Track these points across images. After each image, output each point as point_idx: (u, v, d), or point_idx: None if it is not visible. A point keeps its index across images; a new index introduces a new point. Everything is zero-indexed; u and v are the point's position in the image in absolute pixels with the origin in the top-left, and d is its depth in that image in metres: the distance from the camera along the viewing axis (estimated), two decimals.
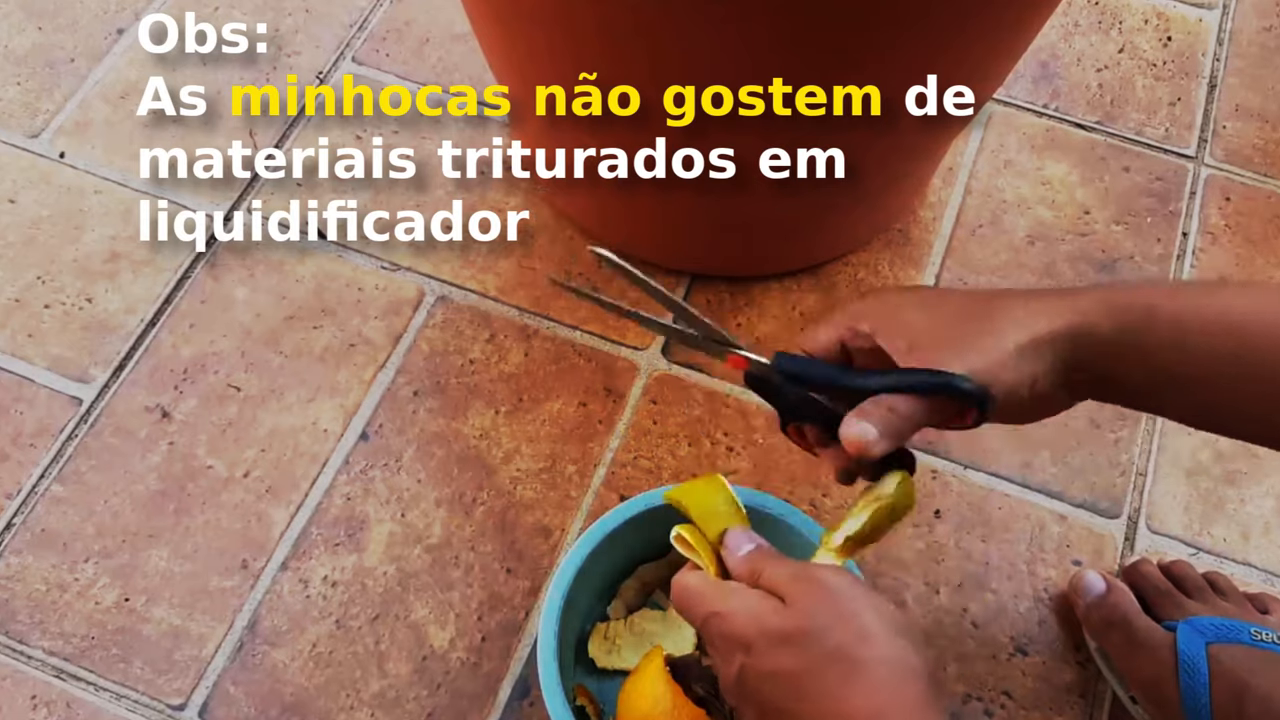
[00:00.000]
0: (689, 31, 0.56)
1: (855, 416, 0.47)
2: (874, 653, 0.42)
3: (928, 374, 0.47)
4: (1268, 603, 0.64)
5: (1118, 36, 0.94)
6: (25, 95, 0.87)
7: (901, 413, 0.47)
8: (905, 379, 0.47)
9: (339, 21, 0.91)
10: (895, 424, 0.47)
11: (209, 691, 0.65)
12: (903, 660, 0.43)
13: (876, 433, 0.47)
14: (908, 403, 0.47)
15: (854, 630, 0.43)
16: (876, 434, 0.47)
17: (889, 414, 0.47)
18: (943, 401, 0.47)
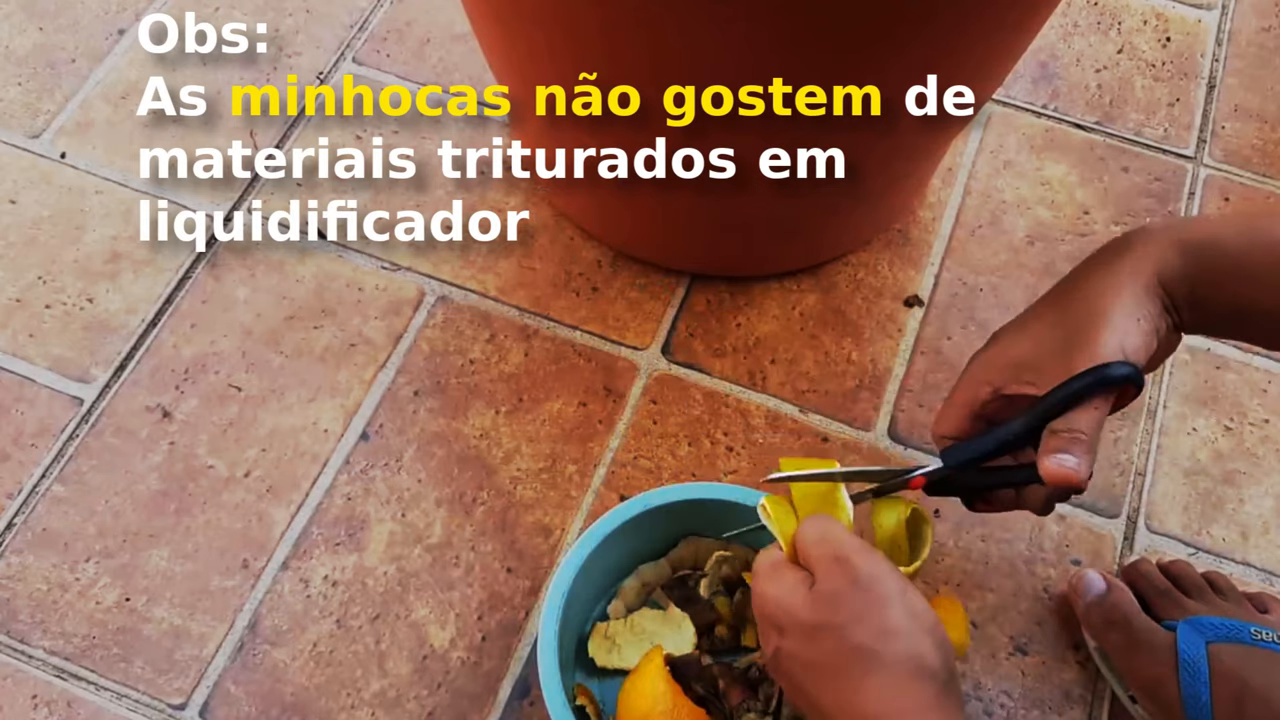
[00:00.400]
0: (689, 31, 0.57)
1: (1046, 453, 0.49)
2: (893, 649, 0.43)
3: (1076, 380, 0.48)
4: (1267, 602, 0.64)
5: (1117, 37, 0.94)
6: (26, 96, 0.87)
7: (1082, 428, 0.49)
8: (1059, 396, 0.49)
9: (339, 22, 0.92)
10: (1084, 441, 0.48)
11: (210, 691, 0.65)
12: (921, 659, 0.43)
13: (1075, 459, 0.48)
14: (1081, 415, 0.49)
15: (876, 625, 0.44)
16: (1076, 460, 0.48)
17: (1073, 435, 0.48)
18: (1105, 395, 0.49)
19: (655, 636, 0.64)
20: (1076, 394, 0.48)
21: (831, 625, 0.44)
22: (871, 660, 0.43)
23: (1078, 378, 0.48)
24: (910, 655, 0.43)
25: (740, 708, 0.59)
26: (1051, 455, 0.48)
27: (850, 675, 0.43)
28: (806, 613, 0.45)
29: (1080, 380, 0.48)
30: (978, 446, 0.52)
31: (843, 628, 0.44)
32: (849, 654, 0.44)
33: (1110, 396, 0.49)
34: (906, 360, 0.78)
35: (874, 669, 0.43)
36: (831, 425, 0.75)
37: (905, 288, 0.81)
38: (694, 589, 0.65)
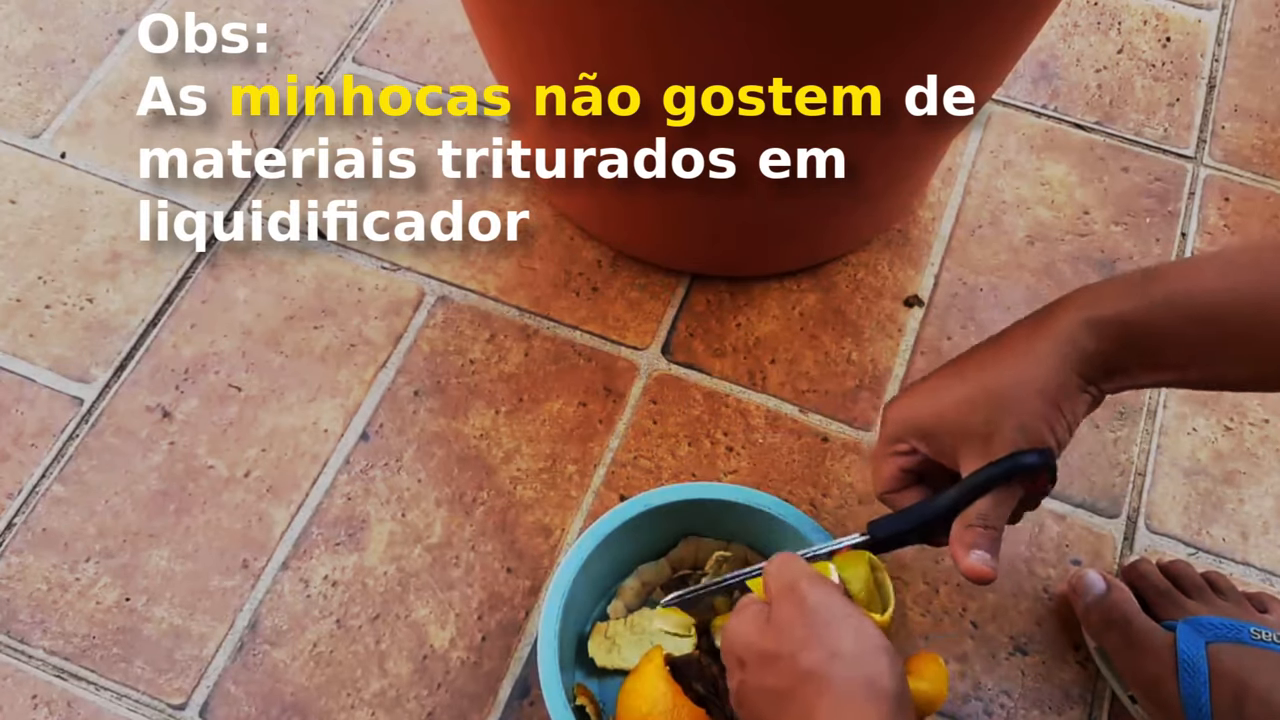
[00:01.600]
0: (689, 31, 0.57)
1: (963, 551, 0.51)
2: (842, 671, 0.44)
3: (991, 468, 0.51)
4: (1267, 602, 0.64)
5: (1117, 37, 0.94)
6: (26, 96, 0.87)
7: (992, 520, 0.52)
8: (976, 480, 0.52)
9: (339, 22, 0.92)
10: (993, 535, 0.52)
11: (210, 691, 0.65)
12: (871, 679, 0.44)
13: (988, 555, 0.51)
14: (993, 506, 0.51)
15: (825, 649, 0.45)
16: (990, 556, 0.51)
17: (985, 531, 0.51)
18: (1017, 486, 0.51)
19: (655, 636, 0.64)
20: (994, 477, 0.51)
21: (783, 652, 0.46)
22: (821, 683, 0.44)
23: (993, 465, 0.51)
24: (860, 676, 0.44)
25: None
26: (969, 552, 0.51)
27: (802, 699, 0.45)
28: (761, 641, 0.47)
29: (994, 468, 0.51)
30: (901, 520, 0.56)
31: (793, 654, 0.45)
32: (800, 678, 0.45)
33: (1022, 483, 0.52)
34: (906, 360, 0.78)
35: (824, 691, 0.44)
36: (831, 425, 0.75)
37: (905, 288, 0.81)
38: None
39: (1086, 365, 0.50)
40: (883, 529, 0.56)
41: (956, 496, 0.53)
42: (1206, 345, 0.49)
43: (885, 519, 0.56)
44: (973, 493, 0.52)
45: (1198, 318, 0.49)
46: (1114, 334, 0.50)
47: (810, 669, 0.45)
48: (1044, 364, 0.50)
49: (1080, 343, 0.50)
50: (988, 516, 0.51)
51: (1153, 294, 0.50)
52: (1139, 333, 0.50)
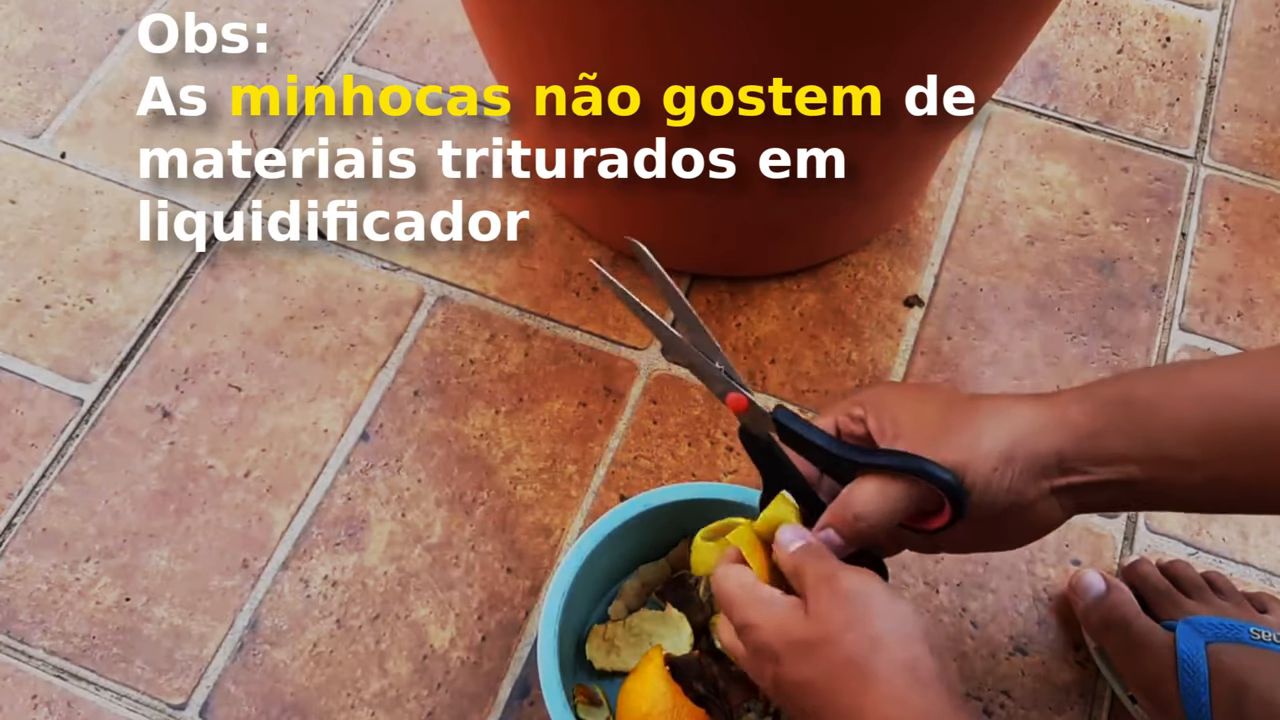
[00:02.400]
0: (689, 31, 0.57)
1: (821, 523, 0.48)
2: (886, 660, 0.43)
3: (905, 456, 0.47)
4: (1266, 602, 0.64)
5: (1117, 37, 0.94)
6: (26, 95, 0.87)
7: (868, 516, 0.47)
8: (883, 459, 0.48)
9: (339, 22, 0.92)
10: (859, 529, 0.48)
11: (210, 691, 0.65)
12: (915, 667, 0.43)
13: (840, 541, 0.48)
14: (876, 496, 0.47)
15: (867, 638, 0.44)
16: (840, 543, 0.48)
17: (854, 519, 0.48)
18: (912, 491, 0.47)
19: (653, 637, 0.64)
20: (899, 465, 0.47)
21: (822, 640, 0.44)
22: (866, 672, 0.43)
23: (905, 455, 0.47)
24: (906, 663, 0.43)
25: (740, 708, 0.59)
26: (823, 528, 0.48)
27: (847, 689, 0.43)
28: (799, 632, 0.45)
29: (903, 458, 0.47)
30: (804, 428, 0.50)
31: (835, 640, 0.44)
32: (841, 667, 0.44)
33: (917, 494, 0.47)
34: (906, 360, 0.78)
35: (870, 681, 0.43)
36: None
37: (905, 288, 0.81)
38: (692, 589, 0.65)
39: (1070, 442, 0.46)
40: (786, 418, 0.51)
41: (859, 457, 0.48)
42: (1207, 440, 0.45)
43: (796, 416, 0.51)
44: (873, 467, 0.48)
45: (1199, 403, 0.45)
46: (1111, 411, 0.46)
47: (851, 658, 0.43)
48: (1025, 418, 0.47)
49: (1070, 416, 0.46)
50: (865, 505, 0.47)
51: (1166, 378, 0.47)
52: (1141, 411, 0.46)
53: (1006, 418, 0.47)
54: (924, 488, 0.47)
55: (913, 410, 0.49)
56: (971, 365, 0.77)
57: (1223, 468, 0.45)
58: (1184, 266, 0.82)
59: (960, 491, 0.46)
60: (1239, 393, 0.45)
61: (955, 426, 0.47)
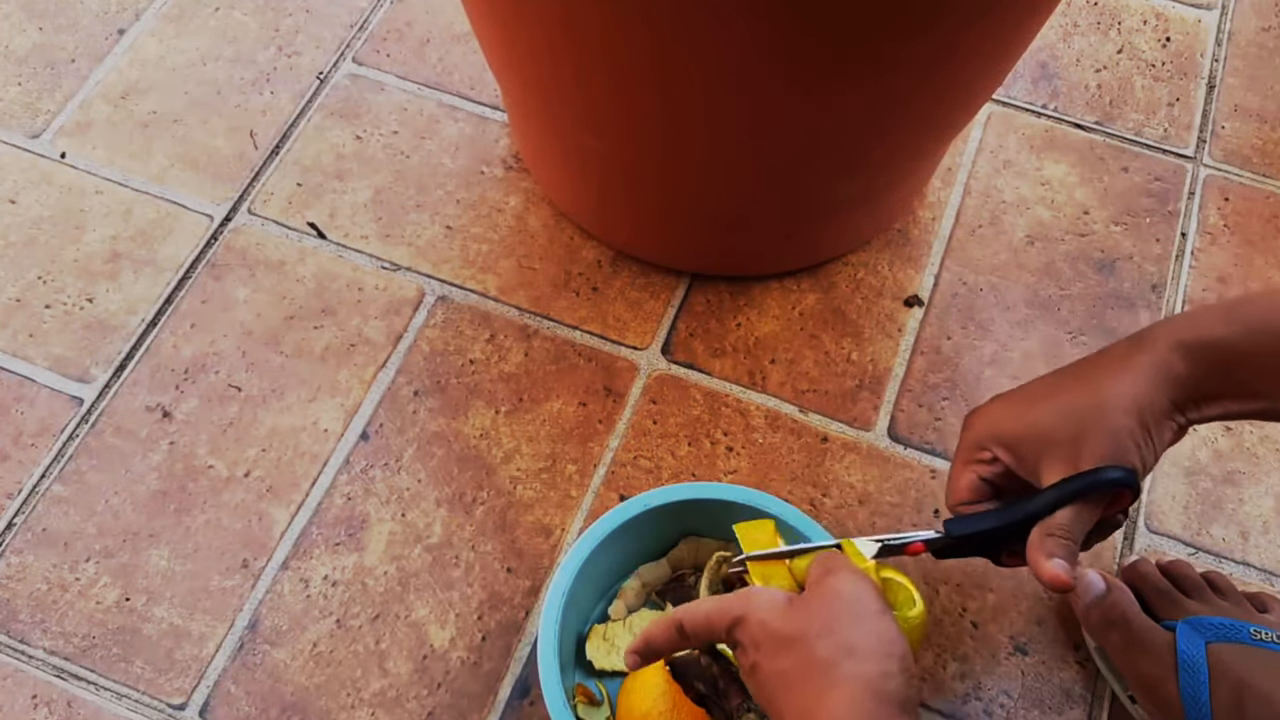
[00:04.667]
0: (689, 31, 0.57)
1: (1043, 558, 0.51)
2: (853, 669, 0.44)
3: (1076, 480, 0.51)
4: (1267, 601, 0.64)
5: (1117, 37, 0.94)
6: (26, 95, 0.87)
7: (1071, 532, 0.51)
8: (1060, 492, 0.51)
9: (339, 21, 0.92)
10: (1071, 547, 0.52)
11: (210, 691, 0.65)
12: (879, 681, 0.44)
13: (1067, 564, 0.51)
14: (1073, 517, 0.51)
15: (841, 643, 0.45)
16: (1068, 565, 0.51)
17: (1064, 541, 0.51)
18: (1099, 500, 0.51)
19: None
20: (1077, 491, 0.51)
21: (802, 637, 0.46)
22: (831, 675, 0.44)
23: (1076, 477, 0.51)
24: (869, 676, 0.44)
25: (740, 708, 0.59)
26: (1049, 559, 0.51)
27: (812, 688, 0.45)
28: (780, 624, 0.47)
29: (1079, 480, 0.51)
30: (979, 522, 0.55)
31: (811, 640, 0.46)
32: (811, 666, 0.45)
33: (1103, 499, 0.52)
34: (906, 360, 0.78)
35: (833, 684, 0.44)
36: (831, 425, 0.75)
37: (905, 288, 0.81)
38: (692, 589, 0.65)
39: (1176, 390, 0.51)
40: (961, 528, 0.55)
41: (1039, 505, 0.52)
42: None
43: (963, 519, 0.55)
44: (1054, 504, 0.51)
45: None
46: (1206, 358, 0.50)
47: (823, 659, 0.45)
48: (1136, 384, 0.51)
49: (1171, 366, 0.51)
50: (1067, 527, 0.51)
51: (1246, 320, 0.51)
52: (1230, 357, 0.50)
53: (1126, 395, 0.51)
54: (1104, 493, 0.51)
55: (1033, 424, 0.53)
56: (971, 365, 0.77)
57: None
58: (1184, 266, 0.82)
59: (1134, 479, 0.51)
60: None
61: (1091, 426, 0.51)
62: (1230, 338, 0.51)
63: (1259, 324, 0.51)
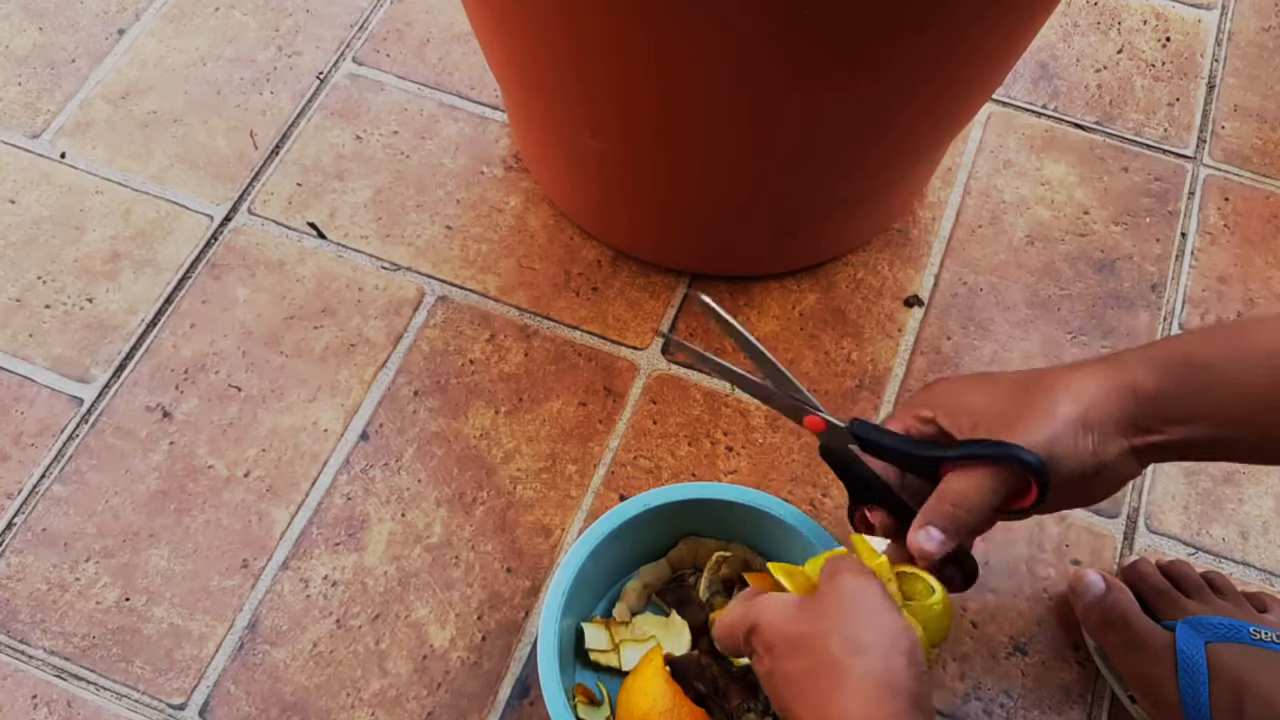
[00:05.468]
0: (689, 30, 0.57)
1: (920, 522, 0.50)
2: (863, 665, 0.44)
3: (991, 445, 0.48)
4: (1266, 601, 0.64)
5: (1117, 37, 0.94)
6: (26, 95, 0.87)
7: (965, 504, 0.49)
8: (968, 450, 0.49)
9: (339, 21, 0.92)
10: (960, 519, 0.49)
11: (209, 691, 0.65)
12: (889, 677, 0.44)
13: (942, 536, 0.49)
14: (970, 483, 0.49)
15: (849, 641, 0.45)
16: (942, 537, 0.49)
17: (949, 509, 0.49)
18: (1004, 476, 0.48)
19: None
20: (980, 455, 0.48)
21: (811, 637, 0.46)
22: (843, 672, 0.44)
23: (990, 443, 0.48)
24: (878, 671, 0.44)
25: (740, 708, 0.59)
26: (922, 525, 0.49)
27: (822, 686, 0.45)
28: (791, 626, 0.47)
29: (990, 446, 0.48)
30: (882, 435, 0.52)
31: (820, 640, 0.46)
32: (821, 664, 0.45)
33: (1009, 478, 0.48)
34: (906, 360, 0.78)
35: (844, 681, 0.44)
36: None
37: (905, 288, 0.81)
38: (691, 589, 0.65)
39: (1135, 403, 0.48)
40: (863, 429, 0.52)
41: (944, 452, 0.50)
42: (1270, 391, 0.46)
43: (872, 425, 0.53)
44: (957, 459, 0.49)
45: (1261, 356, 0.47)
46: (1177, 375, 0.47)
47: (832, 658, 0.45)
48: (1093, 385, 0.48)
49: (1137, 379, 0.48)
50: (962, 497, 0.49)
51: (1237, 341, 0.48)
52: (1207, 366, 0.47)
53: (1077, 387, 0.48)
54: (1012, 471, 0.48)
55: (983, 398, 0.51)
56: (971, 365, 0.77)
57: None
58: (1184, 266, 0.82)
59: (1044, 470, 0.47)
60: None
61: (1027, 405, 0.49)
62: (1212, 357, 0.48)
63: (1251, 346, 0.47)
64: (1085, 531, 0.71)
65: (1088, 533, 0.71)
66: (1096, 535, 0.71)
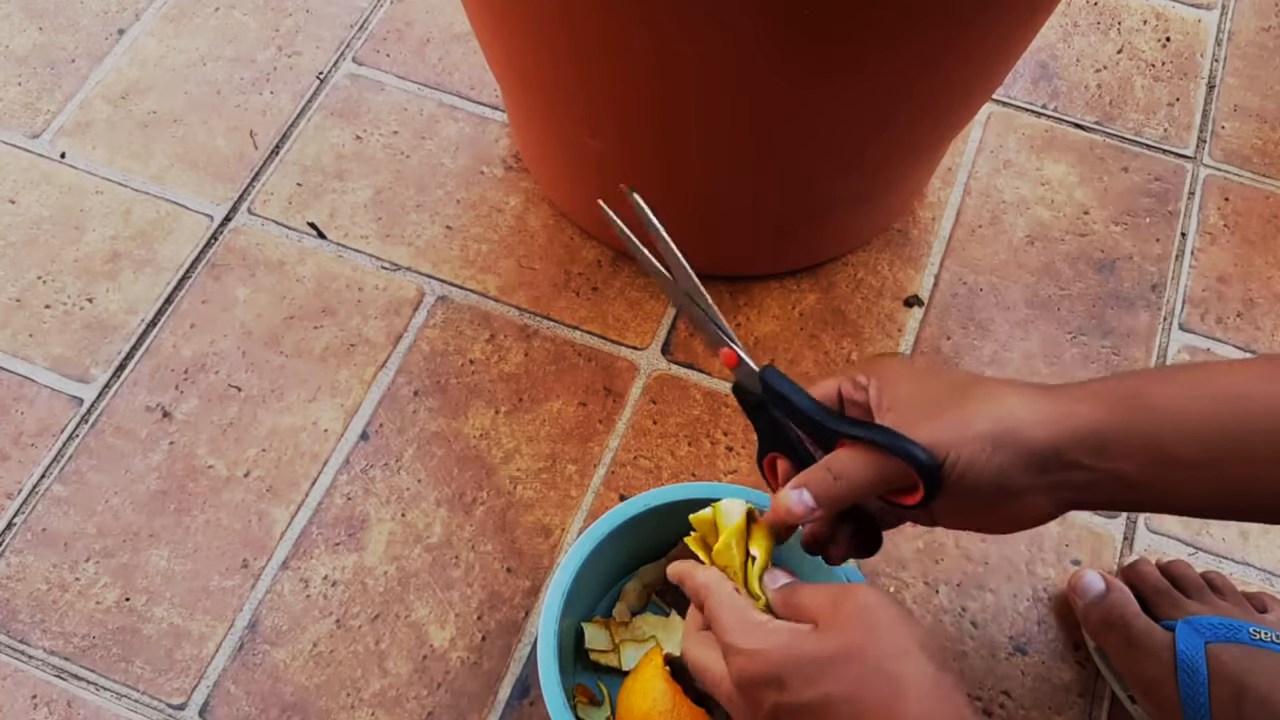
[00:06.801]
0: (689, 30, 0.57)
1: (794, 483, 0.47)
2: (915, 669, 0.42)
3: (890, 433, 0.45)
4: (1266, 602, 0.64)
5: (1117, 37, 0.94)
6: (26, 95, 0.87)
7: (846, 477, 0.46)
8: (864, 431, 0.46)
9: (339, 21, 0.92)
10: (835, 491, 0.46)
11: (209, 691, 0.65)
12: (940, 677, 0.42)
13: (811, 501, 0.46)
14: (856, 462, 0.46)
15: (894, 646, 0.42)
16: (811, 503, 0.46)
17: (829, 478, 0.46)
18: (894, 466, 0.45)
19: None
20: (877, 441, 0.45)
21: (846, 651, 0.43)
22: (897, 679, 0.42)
23: (891, 432, 0.45)
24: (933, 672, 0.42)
25: None
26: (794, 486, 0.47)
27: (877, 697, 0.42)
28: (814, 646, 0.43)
29: (886, 435, 0.45)
30: (791, 390, 0.50)
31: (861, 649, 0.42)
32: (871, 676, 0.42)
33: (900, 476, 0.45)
34: None
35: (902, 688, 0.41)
36: None
37: (905, 288, 0.81)
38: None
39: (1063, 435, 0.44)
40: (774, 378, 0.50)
41: (841, 423, 0.47)
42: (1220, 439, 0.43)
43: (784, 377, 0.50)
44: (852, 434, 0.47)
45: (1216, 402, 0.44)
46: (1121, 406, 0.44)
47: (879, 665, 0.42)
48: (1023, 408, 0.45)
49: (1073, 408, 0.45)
50: (845, 470, 0.46)
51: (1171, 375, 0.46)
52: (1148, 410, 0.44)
53: (1004, 402, 0.46)
54: (900, 464, 0.45)
55: (914, 386, 0.48)
56: (971, 365, 0.77)
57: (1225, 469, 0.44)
58: (1184, 266, 0.82)
59: (934, 471, 0.44)
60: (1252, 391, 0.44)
61: (949, 405, 0.46)
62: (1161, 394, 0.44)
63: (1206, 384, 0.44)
64: (1085, 531, 0.71)
65: (1088, 532, 0.71)
66: (1096, 535, 0.71)
